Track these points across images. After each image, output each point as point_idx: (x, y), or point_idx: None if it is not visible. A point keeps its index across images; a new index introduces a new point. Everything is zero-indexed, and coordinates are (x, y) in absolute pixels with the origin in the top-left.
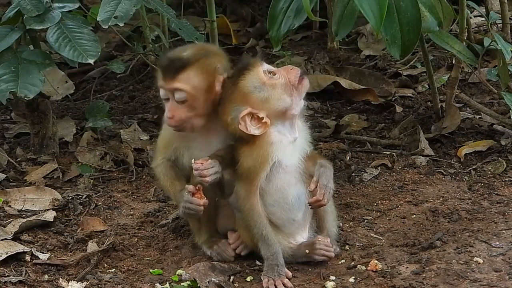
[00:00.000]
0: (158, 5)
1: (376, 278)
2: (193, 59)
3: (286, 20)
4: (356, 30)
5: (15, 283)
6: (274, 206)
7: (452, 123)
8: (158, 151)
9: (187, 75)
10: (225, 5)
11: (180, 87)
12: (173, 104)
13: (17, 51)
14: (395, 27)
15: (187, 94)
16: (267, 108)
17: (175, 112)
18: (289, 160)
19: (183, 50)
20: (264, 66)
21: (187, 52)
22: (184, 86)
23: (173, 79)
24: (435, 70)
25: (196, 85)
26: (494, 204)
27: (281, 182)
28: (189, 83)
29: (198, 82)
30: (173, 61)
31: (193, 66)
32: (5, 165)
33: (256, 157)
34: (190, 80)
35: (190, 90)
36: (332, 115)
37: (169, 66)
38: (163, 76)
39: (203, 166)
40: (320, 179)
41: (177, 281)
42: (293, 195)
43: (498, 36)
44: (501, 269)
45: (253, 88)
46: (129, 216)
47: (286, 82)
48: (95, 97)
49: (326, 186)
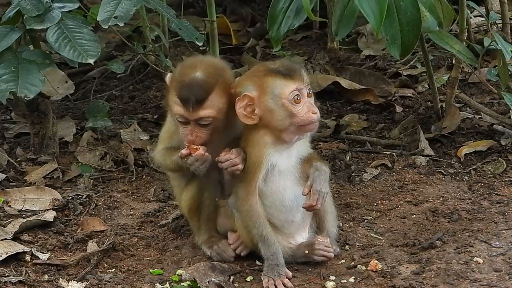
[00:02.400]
0: (158, 5)
1: (376, 278)
2: (211, 84)
3: (286, 20)
4: (356, 30)
5: (15, 283)
6: (272, 208)
7: (452, 123)
8: (160, 142)
9: (211, 103)
10: (225, 5)
11: (206, 115)
12: (195, 128)
13: (17, 51)
14: (395, 27)
15: (213, 119)
16: (265, 114)
17: (198, 134)
18: (285, 164)
19: (192, 71)
20: (296, 87)
21: (201, 74)
22: (209, 113)
23: (198, 109)
24: (435, 70)
25: (220, 108)
26: (494, 204)
27: (277, 184)
28: (214, 109)
29: (222, 104)
30: (193, 89)
31: (214, 91)
32: (5, 165)
33: (252, 157)
34: (215, 106)
35: (216, 114)
36: (332, 115)
37: (190, 96)
38: (185, 106)
39: (233, 155)
40: (314, 184)
41: (177, 281)
42: (290, 197)
43: (498, 36)
44: (501, 269)
45: (271, 93)
46: (129, 216)
47: (298, 116)
48: (95, 97)
49: (320, 192)
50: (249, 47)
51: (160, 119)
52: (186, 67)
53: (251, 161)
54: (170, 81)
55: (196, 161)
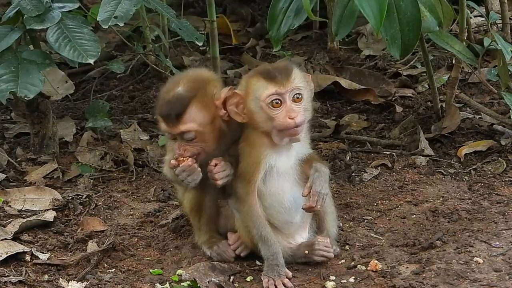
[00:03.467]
0: (158, 5)
1: (376, 278)
2: (190, 97)
3: (286, 20)
4: (356, 30)
5: (15, 283)
6: (271, 209)
7: (452, 123)
8: (167, 151)
9: (189, 116)
10: (225, 5)
11: (186, 129)
12: (182, 143)
13: (17, 51)
14: (395, 27)
15: (195, 132)
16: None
17: (187, 148)
18: (284, 164)
19: (175, 86)
20: (276, 91)
21: (181, 89)
22: (190, 126)
23: (178, 123)
24: (435, 70)
25: (201, 121)
26: (494, 204)
27: (275, 186)
28: (195, 122)
29: (203, 117)
30: (172, 105)
31: (192, 104)
32: (5, 165)
33: (251, 158)
34: (194, 119)
35: (198, 127)
36: (332, 115)
37: (170, 112)
38: (166, 122)
39: (215, 169)
40: (313, 185)
41: (177, 281)
42: (289, 198)
43: (498, 36)
44: (501, 269)
45: (253, 94)
46: (129, 216)
47: (275, 120)
48: (95, 97)
49: (319, 193)
50: (249, 47)
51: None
52: (171, 83)
53: (250, 161)
54: (158, 98)
55: (183, 171)
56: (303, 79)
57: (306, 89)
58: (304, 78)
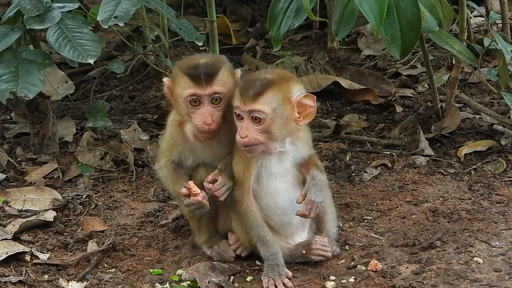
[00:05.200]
0: (158, 5)
1: (376, 278)
2: (219, 63)
3: (286, 20)
4: (356, 30)
5: (15, 283)
6: (267, 209)
7: (452, 123)
8: (162, 154)
9: (221, 78)
10: (225, 5)
11: (218, 90)
12: (208, 108)
13: (17, 51)
14: (395, 27)
15: (224, 95)
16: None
17: (212, 115)
18: (277, 166)
19: (199, 58)
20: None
21: (207, 59)
22: (221, 88)
23: (210, 83)
24: (435, 70)
25: (229, 87)
26: (494, 204)
27: (270, 186)
28: (224, 85)
29: (230, 84)
30: (202, 67)
31: (222, 69)
32: (5, 165)
33: (242, 159)
34: (225, 82)
35: (226, 91)
36: (332, 115)
37: (200, 73)
38: (197, 84)
39: (213, 187)
40: (308, 193)
41: (177, 281)
42: (285, 199)
43: (498, 36)
44: (501, 269)
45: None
46: (129, 216)
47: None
48: (95, 97)
49: (313, 202)
50: (249, 47)
51: (160, 119)
52: (190, 58)
53: (241, 162)
54: (175, 72)
55: (193, 204)
56: (229, 80)
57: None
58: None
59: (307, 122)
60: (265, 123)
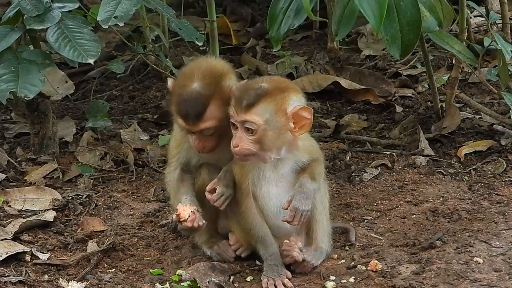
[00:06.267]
0: (158, 5)
1: (376, 278)
2: (208, 96)
3: (286, 20)
4: (356, 30)
5: (15, 283)
6: (262, 211)
7: (452, 123)
8: (171, 154)
9: (210, 114)
10: (225, 5)
11: (207, 127)
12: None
13: (17, 51)
14: (395, 27)
15: (215, 128)
16: None
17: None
18: (272, 172)
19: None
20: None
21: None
22: (210, 124)
23: (198, 122)
24: (435, 70)
25: (220, 117)
26: (494, 204)
27: (264, 189)
28: (214, 119)
29: (221, 113)
30: (192, 104)
31: (211, 103)
32: (5, 165)
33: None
34: (214, 116)
35: (217, 124)
36: (332, 115)
37: (189, 111)
38: (185, 120)
39: (212, 198)
40: (293, 200)
41: (177, 281)
42: (276, 204)
43: (498, 36)
44: (501, 269)
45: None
46: (129, 216)
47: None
48: (95, 97)
49: (297, 209)
50: (249, 47)
51: (160, 119)
52: (185, 77)
53: (240, 163)
54: (171, 92)
55: (184, 230)
56: (221, 110)
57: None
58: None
59: (303, 133)
60: (257, 133)
